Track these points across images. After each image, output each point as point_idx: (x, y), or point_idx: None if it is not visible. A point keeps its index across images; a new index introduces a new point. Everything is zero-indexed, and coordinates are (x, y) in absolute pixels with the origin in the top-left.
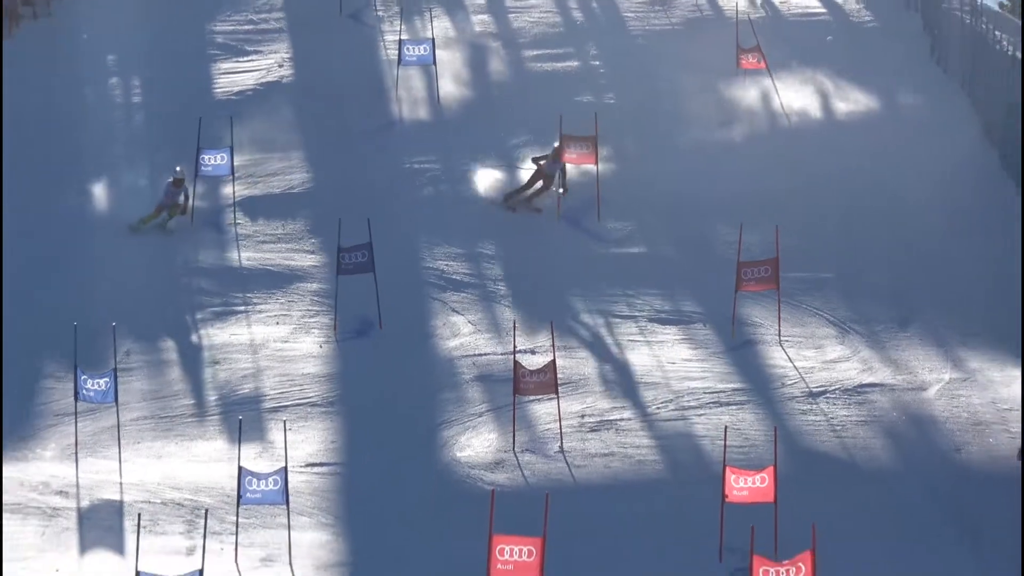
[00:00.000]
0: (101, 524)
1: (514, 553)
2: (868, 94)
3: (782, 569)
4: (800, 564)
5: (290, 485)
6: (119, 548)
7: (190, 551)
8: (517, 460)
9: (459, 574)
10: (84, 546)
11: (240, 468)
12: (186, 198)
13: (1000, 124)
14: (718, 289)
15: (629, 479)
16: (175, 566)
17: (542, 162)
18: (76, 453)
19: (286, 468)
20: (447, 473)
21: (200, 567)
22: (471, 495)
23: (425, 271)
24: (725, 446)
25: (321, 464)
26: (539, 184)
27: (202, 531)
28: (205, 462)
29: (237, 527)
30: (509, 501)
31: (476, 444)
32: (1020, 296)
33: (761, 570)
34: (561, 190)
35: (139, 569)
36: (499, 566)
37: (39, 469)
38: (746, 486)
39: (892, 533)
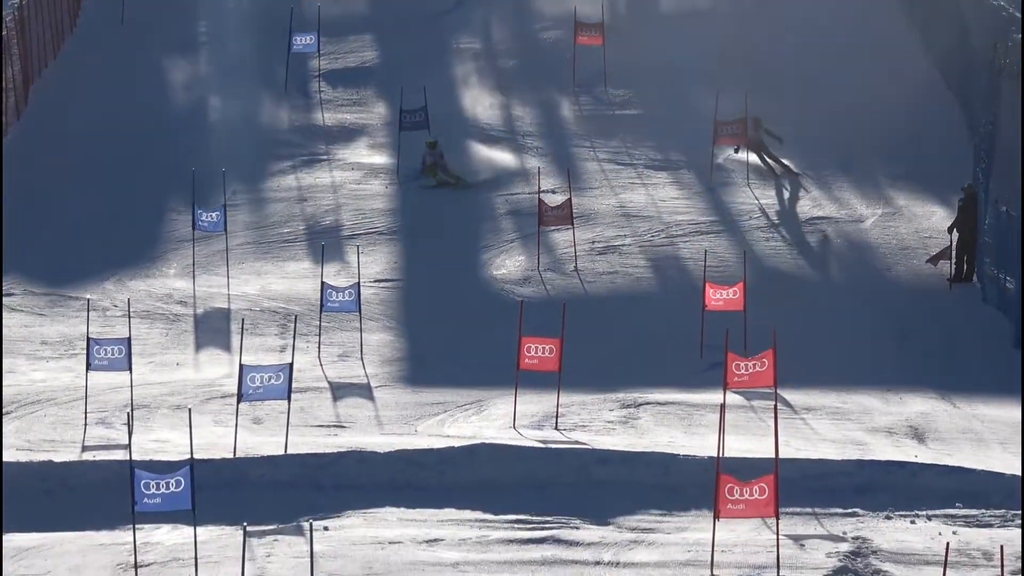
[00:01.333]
0: (212, 327)
1: (538, 350)
2: None
3: (750, 363)
4: (764, 359)
5: (362, 296)
6: (226, 346)
7: (282, 348)
8: (541, 277)
9: (495, 365)
10: (199, 344)
11: (322, 283)
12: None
13: None
14: (699, 142)
15: (629, 292)
16: (271, 360)
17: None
18: (193, 271)
19: (359, 283)
20: (485, 287)
21: (290, 361)
22: (504, 304)
23: (469, 128)
24: (705, 266)
25: (386, 280)
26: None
27: (292, 333)
28: (295, 278)
29: (320, 329)
30: (534, 309)
31: (508, 264)
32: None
33: (733, 364)
34: None
35: (242, 362)
36: (527, 360)
37: (163, 284)
38: (721, 297)
39: (837, 335)
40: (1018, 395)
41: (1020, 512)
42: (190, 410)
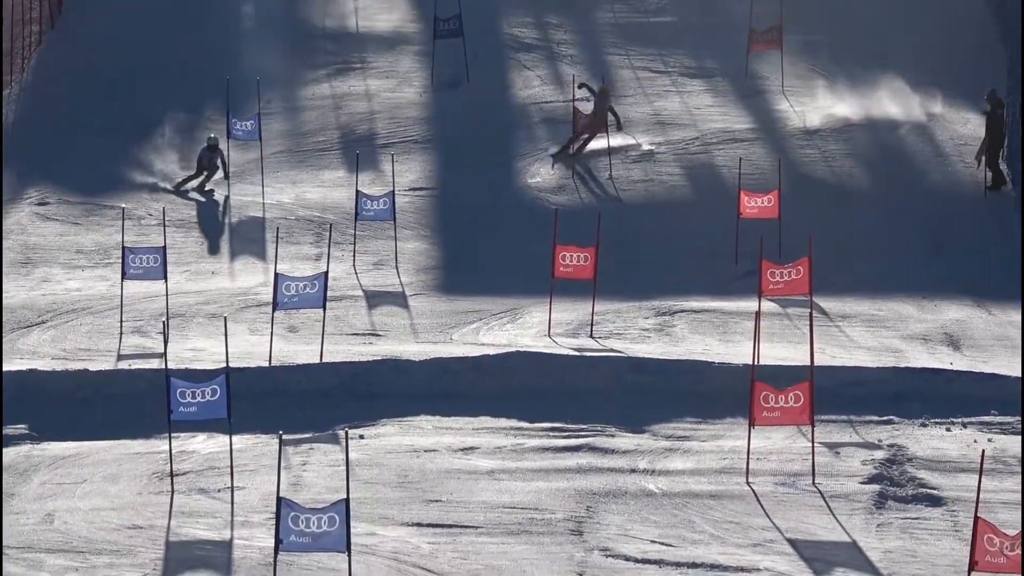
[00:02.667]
0: (248, 236)
1: (573, 259)
2: None
3: (785, 270)
4: (799, 267)
5: (397, 205)
6: (262, 255)
7: (317, 257)
8: (575, 185)
9: (530, 273)
10: (234, 253)
11: (357, 191)
12: (223, 162)
13: None
14: (734, 49)
15: (664, 200)
16: (306, 269)
17: (586, 101)
18: (228, 180)
19: (393, 191)
20: (520, 195)
21: (326, 270)
22: (539, 212)
23: (504, 36)
24: (740, 173)
25: (421, 188)
26: (585, 136)
27: (327, 241)
28: (329, 187)
29: (355, 238)
30: (569, 217)
31: (543, 172)
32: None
33: (768, 271)
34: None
35: (277, 271)
36: (561, 268)
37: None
38: (756, 205)
39: (873, 242)
40: None
41: None
42: (225, 319)
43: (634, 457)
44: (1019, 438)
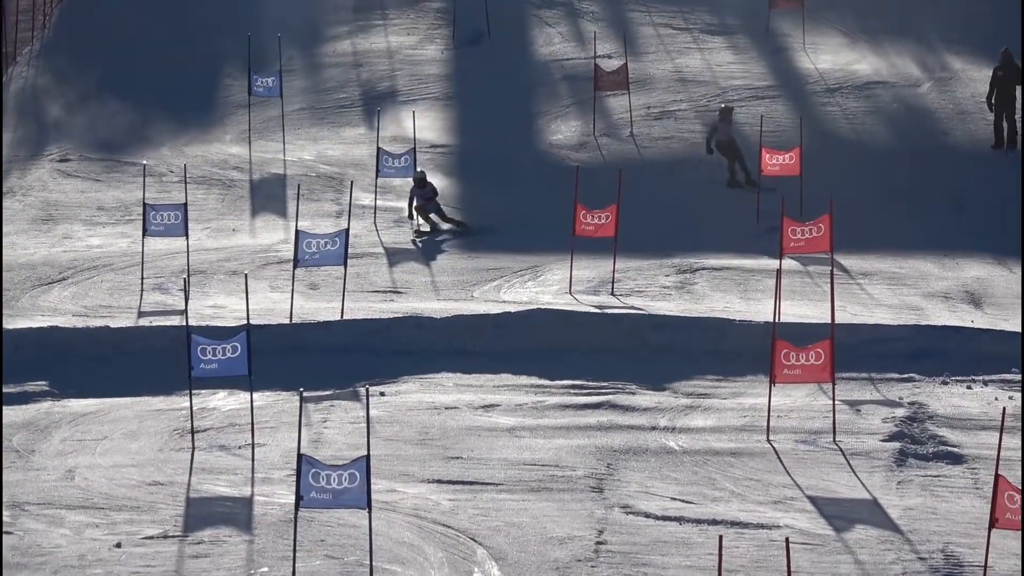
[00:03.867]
0: (268, 192)
1: (594, 217)
2: None
3: (806, 228)
4: (820, 225)
5: (418, 162)
6: (282, 212)
7: (338, 214)
8: (596, 142)
9: (551, 230)
10: (255, 210)
11: (378, 148)
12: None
13: None
14: (755, 6)
15: (685, 157)
16: (326, 225)
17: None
18: (249, 137)
19: (415, 148)
20: (541, 152)
21: (346, 227)
22: (560, 169)
23: None
24: (761, 131)
25: (442, 145)
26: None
27: (348, 198)
28: (351, 144)
29: (376, 192)
30: (590, 175)
31: (564, 129)
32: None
33: (789, 229)
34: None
35: (298, 228)
36: (582, 225)
37: (219, 150)
38: (778, 163)
39: (894, 200)
40: None
41: None
42: (246, 276)
43: (655, 415)
44: None
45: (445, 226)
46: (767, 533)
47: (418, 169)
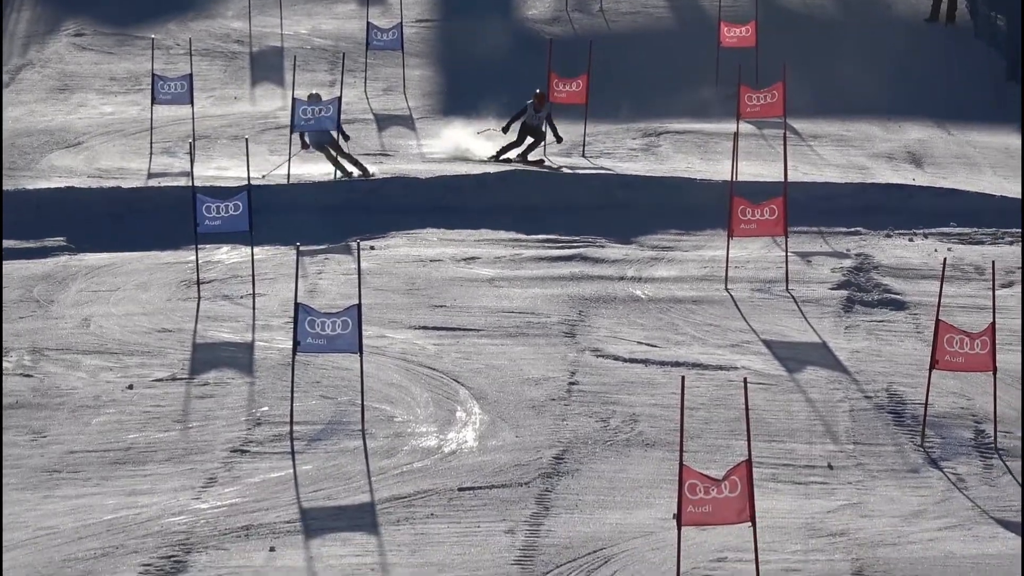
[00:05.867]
0: (267, 64)
1: (567, 85)
2: None
3: (761, 94)
4: (774, 91)
5: (404, 35)
6: (280, 81)
7: (332, 83)
8: (569, 17)
9: (527, 98)
10: (255, 79)
11: (368, 23)
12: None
13: None
14: None
15: (650, 30)
16: (321, 94)
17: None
18: (249, 12)
19: (401, 23)
20: (517, 27)
21: (339, 95)
22: (535, 43)
23: None
24: (720, 6)
25: (427, 20)
26: (529, 140)
27: (340, 69)
28: (342, 19)
29: (366, 66)
30: (562, 47)
31: (538, 5)
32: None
33: (746, 95)
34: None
35: (295, 96)
36: (556, 93)
37: (222, 24)
38: (735, 35)
39: (842, 68)
40: (1009, 124)
41: (1011, 230)
42: (247, 140)
43: (622, 266)
44: (976, 247)
45: (351, 168)
46: (725, 374)
47: (313, 91)
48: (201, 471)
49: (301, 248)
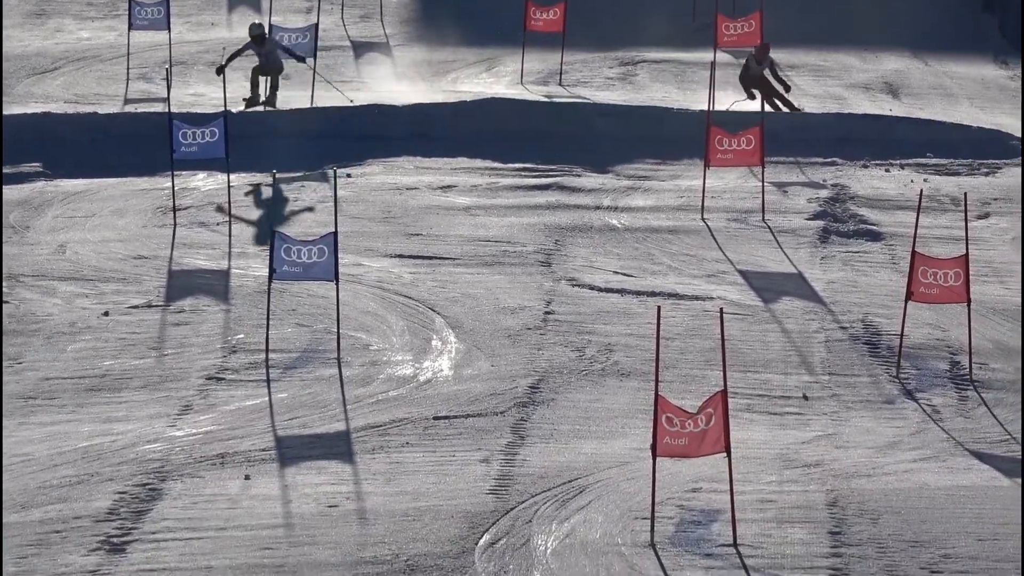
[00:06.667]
0: None
1: (544, 13)
2: None
3: (738, 23)
4: (751, 20)
5: None
6: (256, 7)
7: (308, 10)
8: None
9: (504, 26)
10: (231, 5)
11: None
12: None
13: None
14: None
15: None
16: (298, 20)
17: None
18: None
19: None
20: None
21: (316, 22)
22: None
23: None
24: None
25: None
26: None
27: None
28: None
29: None
30: None
31: None
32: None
33: (723, 25)
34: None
35: (272, 22)
36: (532, 21)
37: None
38: None
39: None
40: (986, 55)
41: (988, 162)
42: (223, 65)
43: (599, 195)
44: (953, 178)
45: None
46: (701, 304)
47: (256, 22)
48: (176, 398)
49: (277, 175)
